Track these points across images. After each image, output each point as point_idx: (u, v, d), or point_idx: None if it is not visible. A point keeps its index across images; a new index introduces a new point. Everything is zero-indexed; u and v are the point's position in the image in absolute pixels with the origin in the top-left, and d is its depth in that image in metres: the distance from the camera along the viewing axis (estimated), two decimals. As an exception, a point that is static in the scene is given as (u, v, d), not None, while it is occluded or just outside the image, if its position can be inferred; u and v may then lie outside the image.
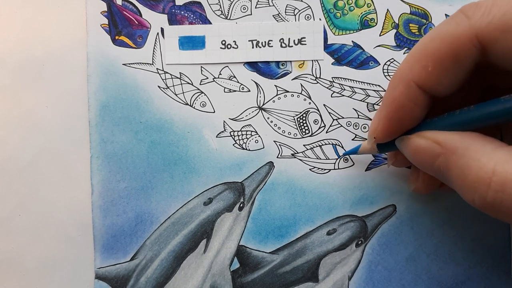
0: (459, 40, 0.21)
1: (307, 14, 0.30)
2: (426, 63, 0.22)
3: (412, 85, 0.23)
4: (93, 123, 0.30)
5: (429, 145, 0.23)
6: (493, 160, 0.20)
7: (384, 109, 0.24)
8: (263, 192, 0.30)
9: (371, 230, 0.30)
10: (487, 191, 0.20)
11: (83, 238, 0.30)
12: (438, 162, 0.22)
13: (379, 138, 0.25)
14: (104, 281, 0.30)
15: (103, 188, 0.30)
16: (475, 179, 0.20)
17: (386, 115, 0.24)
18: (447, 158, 0.22)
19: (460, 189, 0.21)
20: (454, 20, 0.21)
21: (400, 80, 0.23)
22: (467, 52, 0.21)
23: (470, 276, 0.30)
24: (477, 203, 0.20)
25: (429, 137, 0.23)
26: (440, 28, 0.22)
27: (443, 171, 0.22)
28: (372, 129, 0.25)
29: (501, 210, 0.20)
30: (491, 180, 0.19)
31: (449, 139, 0.22)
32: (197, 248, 0.30)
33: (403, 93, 0.23)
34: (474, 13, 0.21)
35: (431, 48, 0.22)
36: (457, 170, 0.21)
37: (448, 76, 0.22)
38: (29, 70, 0.31)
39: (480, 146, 0.21)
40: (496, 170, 0.19)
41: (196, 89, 0.31)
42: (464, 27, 0.21)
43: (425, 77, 0.22)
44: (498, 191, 0.19)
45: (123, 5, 0.31)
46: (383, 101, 0.25)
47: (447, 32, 0.21)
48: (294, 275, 0.30)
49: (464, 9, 0.21)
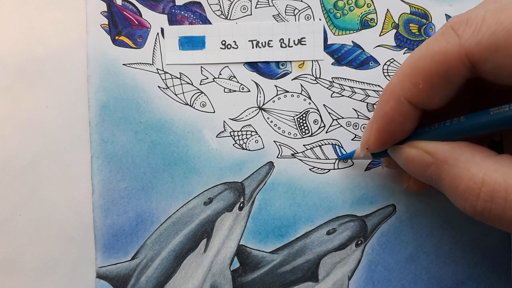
0: (449, 59, 0.21)
1: (307, 14, 0.30)
2: (416, 80, 0.22)
3: (402, 101, 0.23)
4: (93, 123, 0.30)
5: (420, 155, 0.23)
6: (482, 170, 0.20)
7: (375, 122, 0.25)
8: (263, 192, 0.30)
9: (370, 230, 0.30)
10: (476, 201, 0.20)
11: (84, 237, 0.30)
12: (430, 171, 0.23)
13: (371, 149, 0.26)
14: (105, 280, 0.30)
15: (103, 188, 0.30)
16: (465, 188, 0.21)
17: (377, 128, 0.25)
18: (438, 167, 0.22)
19: (451, 197, 0.22)
20: (444, 38, 0.22)
21: (391, 95, 0.24)
22: (457, 70, 0.21)
23: (470, 276, 0.30)
24: (468, 211, 0.21)
25: (420, 148, 0.23)
26: (430, 45, 0.22)
27: (435, 180, 0.23)
28: (364, 140, 0.26)
29: (491, 218, 0.20)
30: (480, 190, 0.20)
31: (439, 150, 0.22)
32: (197, 247, 0.30)
33: (394, 108, 0.23)
34: (464, 32, 0.21)
35: (421, 65, 0.22)
36: (448, 179, 0.22)
37: (438, 93, 0.22)
38: (29, 70, 0.31)
39: (470, 156, 0.21)
40: (485, 180, 0.20)
41: (196, 89, 0.31)
42: (454, 45, 0.21)
43: (416, 93, 0.23)
44: (487, 201, 0.20)
45: (123, 5, 0.31)
46: (375, 113, 0.25)
47: (438, 51, 0.21)
48: (294, 274, 0.30)
49: (454, 26, 0.21)
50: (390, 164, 0.29)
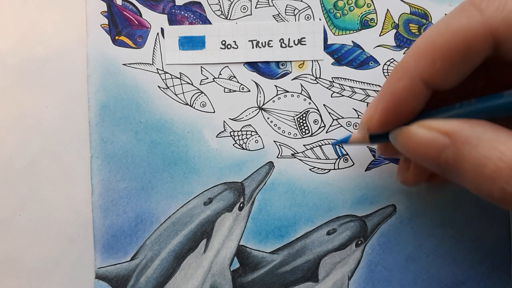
0: (471, 35, 0.19)
1: (307, 14, 0.30)
2: (433, 58, 0.21)
3: (416, 80, 0.21)
4: (93, 123, 0.30)
5: (434, 136, 0.21)
6: (510, 148, 0.18)
7: (382, 100, 0.23)
8: (263, 192, 0.30)
9: (371, 230, 0.30)
10: (508, 182, 0.18)
11: (83, 238, 0.30)
12: (445, 155, 0.20)
13: (373, 129, 0.24)
14: (104, 281, 0.30)
15: (103, 188, 0.30)
16: (494, 169, 0.18)
17: (384, 107, 0.23)
18: (457, 149, 0.20)
19: (474, 182, 0.19)
20: (464, 14, 0.20)
21: (404, 73, 0.22)
22: (479, 48, 0.20)
23: (470, 276, 0.30)
24: (497, 196, 0.19)
25: (433, 127, 0.21)
26: (449, 22, 0.20)
27: (451, 165, 0.20)
28: (365, 118, 0.24)
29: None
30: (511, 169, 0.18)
31: (458, 129, 0.20)
32: (197, 248, 0.30)
33: (406, 88, 0.22)
34: (488, 7, 0.19)
35: (440, 43, 0.20)
36: (471, 161, 0.19)
37: (455, 73, 0.21)
38: (29, 70, 0.31)
39: (494, 135, 0.19)
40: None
41: (196, 89, 0.31)
42: (476, 21, 0.19)
43: (432, 73, 0.21)
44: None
45: (123, 5, 0.31)
46: (382, 92, 0.23)
47: (459, 27, 0.20)
48: (294, 275, 0.30)
49: (476, 2, 0.20)
50: (386, 152, 0.27)
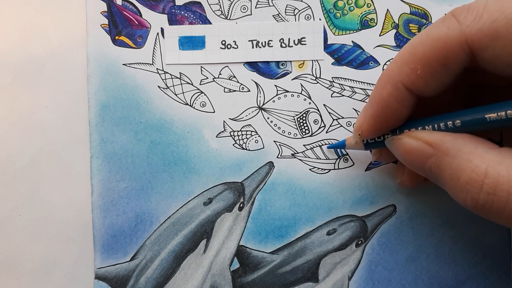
0: (449, 45, 0.21)
1: (307, 14, 0.30)
2: (415, 65, 0.22)
3: (400, 86, 0.23)
4: (93, 123, 0.30)
5: (420, 146, 0.23)
6: (485, 162, 0.20)
7: (370, 107, 0.24)
8: (263, 192, 0.30)
9: (371, 230, 0.30)
10: (479, 193, 0.20)
11: (83, 238, 0.30)
12: (429, 163, 0.22)
13: (364, 135, 0.26)
14: (104, 281, 0.30)
15: (103, 188, 0.30)
16: (467, 180, 0.20)
17: (372, 114, 0.24)
18: (439, 159, 0.22)
19: (451, 190, 0.22)
20: (445, 24, 0.21)
21: (388, 80, 0.23)
22: (457, 57, 0.21)
23: (470, 276, 0.30)
24: (469, 204, 0.21)
25: (420, 138, 0.23)
26: (431, 31, 0.22)
27: (435, 172, 0.22)
28: (357, 125, 0.26)
29: (492, 211, 0.20)
30: (483, 182, 0.20)
31: (441, 140, 0.22)
32: (197, 248, 0.30)
33: (391, 94, 0.23)
34: (465, 18, 0.21)
35: (420, 51, 0.22)
36: (449, 171, 0.21)
37: (436, 79, 0.22)
38: (29, 70, 0.31)
39: (473, 148, 0.21)
40: (488, 172, 0.20)
41: (196, 89, 0.31)
42: (454, 32, 0.21)
43: (414, 79, 0.22)
44: (490, 193, 0.19)
45: (123, 5, 0.31)
46: (370, 99, 0.25)
47: (438, 37, 0.21)
48: (294, 275, 0.30)
49: (456, 13, 0.21)
50: (381, 157, 0.28)
